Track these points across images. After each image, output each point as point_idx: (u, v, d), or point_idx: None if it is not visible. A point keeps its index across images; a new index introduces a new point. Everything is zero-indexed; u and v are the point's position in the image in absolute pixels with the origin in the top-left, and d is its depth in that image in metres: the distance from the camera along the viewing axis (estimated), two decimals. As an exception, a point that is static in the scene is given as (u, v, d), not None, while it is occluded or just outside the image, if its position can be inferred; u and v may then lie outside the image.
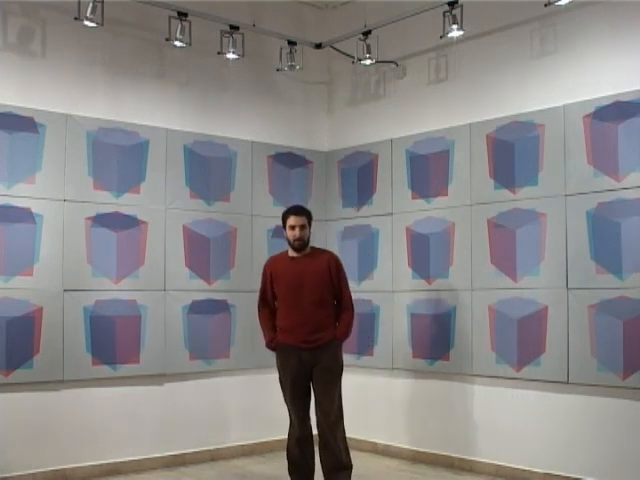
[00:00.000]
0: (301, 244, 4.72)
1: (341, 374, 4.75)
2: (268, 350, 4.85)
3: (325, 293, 4.72)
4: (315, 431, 4.78)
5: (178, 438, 5.70)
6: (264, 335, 4.84)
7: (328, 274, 4.74)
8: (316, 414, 4.72)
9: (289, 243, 4.76)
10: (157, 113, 5.72)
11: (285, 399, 4.78)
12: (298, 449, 4.76)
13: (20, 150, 5.03)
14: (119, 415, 5.41)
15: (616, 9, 4.82)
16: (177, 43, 5.41)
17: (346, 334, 4.78)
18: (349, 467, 4.74)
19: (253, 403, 6.10)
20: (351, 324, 4.82)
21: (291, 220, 4.71)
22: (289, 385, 4.70)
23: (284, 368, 4.72)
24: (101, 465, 5.30)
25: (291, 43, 6.05)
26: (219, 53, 5.72)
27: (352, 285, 6.14)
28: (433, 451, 5.75)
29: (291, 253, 4.79)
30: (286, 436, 4.85)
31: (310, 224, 4.79)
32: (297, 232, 4.69)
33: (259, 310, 4.89)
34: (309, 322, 4.64)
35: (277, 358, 4.79)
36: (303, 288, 4.66)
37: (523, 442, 5.19)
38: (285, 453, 4.86)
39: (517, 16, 5.33)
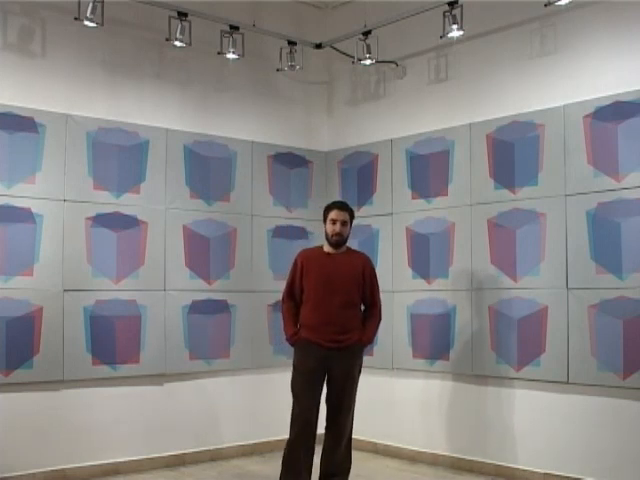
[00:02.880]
0: (339, 240, 4.58)
1: (358, 380, 4.66)
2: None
3: (354, 294, 4.58)
4: (319, 431, 4.66)
5: (178, 438, 5.70)
6: (285, 328, 4.66)
7: (361, 276, 4.61)
8: (328, 415, 4.61)
9: (327, 238, 4.62)
10: (157, 113, 5.72)
11: (294, 396, 4.58)
12: (297, 452, 4.51)
13: (20, 150, 5.03)
14: (119, 415, 5.40)
15: (616, 9, 4.82)
16: (177, 43, 5.41)
17: (371, 339, 4.66)
18: (348, 471, 4.69)
19: (253, 403, 6.10)
20: (377, 330, 4.73)
21: (333, 214, 4.58)
22: (304, 381, 4.51)
23: (301, 364, 4.53)
24: (101, 465, 5.30)
25: (291, 43, 6.05)
26: (219, 53, 5.72)
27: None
28: (433, 451, 5.75)
29: (327, 249, 4.65)
30: (286, 436, 4.66)
31: (351, 223, 4.67)
32: (338, 227, 4.55)
33: (283, 302, 4.70)
34: (336, 322, 4.49)
35: (295, 353, 4.62)
36: (334, 286, 4.51)
37: (523, 442, 5.19)
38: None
39: (517, 16, 5.33)
